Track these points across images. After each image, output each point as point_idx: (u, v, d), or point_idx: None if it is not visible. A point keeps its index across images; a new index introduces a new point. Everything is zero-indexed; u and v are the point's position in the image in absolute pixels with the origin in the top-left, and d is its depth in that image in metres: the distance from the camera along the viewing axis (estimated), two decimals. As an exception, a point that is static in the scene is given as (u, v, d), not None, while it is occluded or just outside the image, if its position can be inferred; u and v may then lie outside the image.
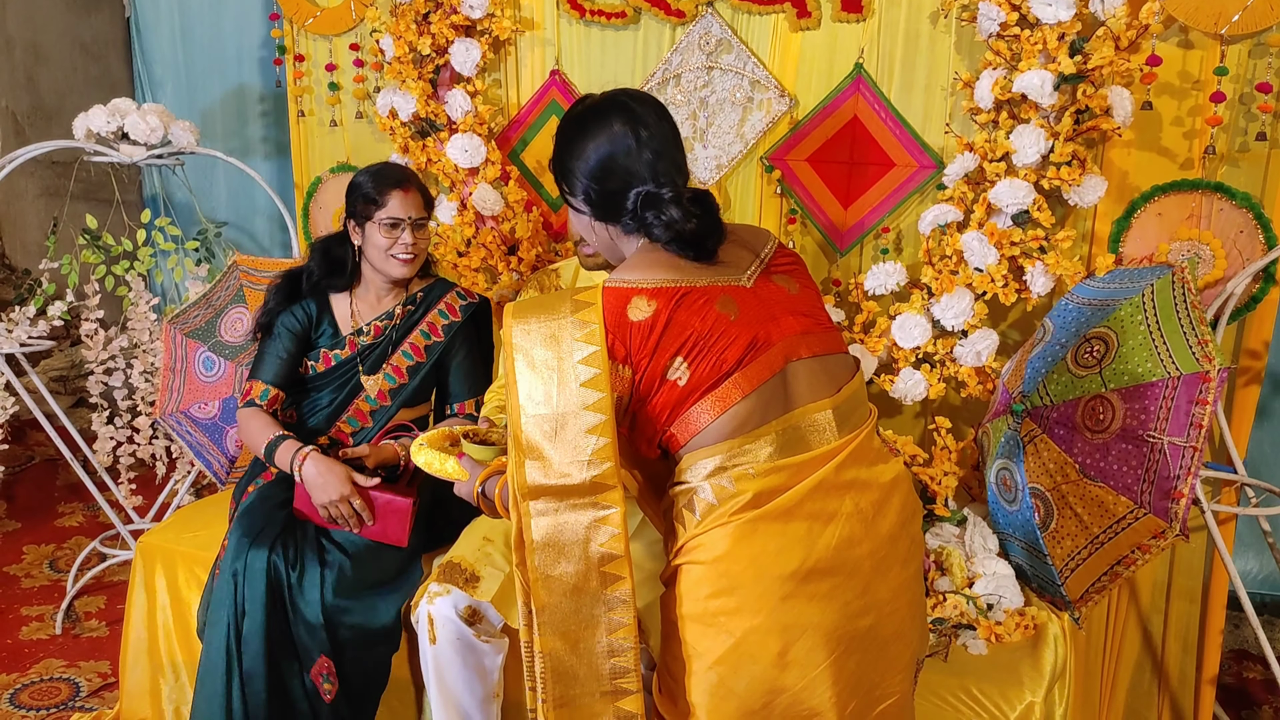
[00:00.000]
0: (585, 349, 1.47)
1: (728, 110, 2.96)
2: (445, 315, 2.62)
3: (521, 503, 1.44)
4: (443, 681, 2.21)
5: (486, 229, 3.12)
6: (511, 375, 1.48)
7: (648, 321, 1.49)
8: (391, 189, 2.44)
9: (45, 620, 3.42)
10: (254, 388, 2.52)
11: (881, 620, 1.54)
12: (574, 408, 1.44)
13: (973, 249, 2.57)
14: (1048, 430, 2.29)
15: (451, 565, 2.26)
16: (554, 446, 1.43)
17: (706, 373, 1.50)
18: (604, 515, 1.43)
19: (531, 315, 1.52)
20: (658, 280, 1.54)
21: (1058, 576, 2.25)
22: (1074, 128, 2.44)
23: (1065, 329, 2.37)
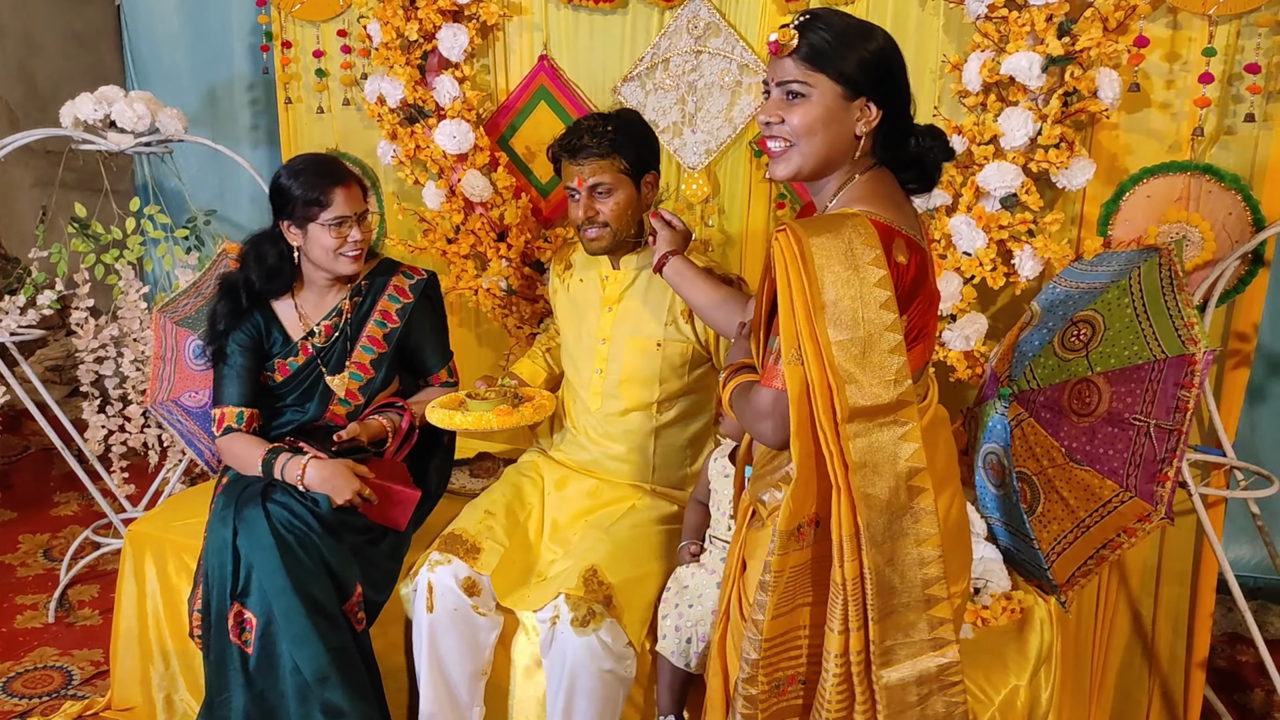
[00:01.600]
0: (877, 271, 1.50)
1: (716, 94, 2.94)
2: (396, 299, 2.57)
3: (842, 426, 1.48)
4: (435, 652, 2.22)
5: (475, 215, 3.11)
6: (808, 296, 1.49)
7: (904, 268, 1.54)
8: (334, 187, 2.36)
9: (39, 609, 3.42)
10: (226, 414, 2.45)
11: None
12: (878, 329, 1.49)
13: (961, 233, 2.55)
14: (1034, 414, 2.29)
15: (453, 536, 2.27)
16: (863, 369, 1.49)
17: (914, 326, 1.58)
18: (905, 430, 1.51)
19: (823, 234, 1.51)
20: (907, 229, 1.58)
21: (1044, 560, 2.24)
22: (1062, 110, 2.43)
23: (1053, 312, 2.36)
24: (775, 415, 1.57)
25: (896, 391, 1.50)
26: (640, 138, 2.36)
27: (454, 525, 2.32)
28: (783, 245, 1.52)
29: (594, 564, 2.16)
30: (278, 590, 2.14)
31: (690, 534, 2.27)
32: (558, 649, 2.10)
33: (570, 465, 2.55)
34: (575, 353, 2.52)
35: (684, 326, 2.42)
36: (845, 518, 1.51)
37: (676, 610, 2.11)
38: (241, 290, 2.46)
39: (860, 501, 1.49)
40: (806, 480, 1.54)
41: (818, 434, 1.52)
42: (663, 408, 2.45)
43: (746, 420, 1.66)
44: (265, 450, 2.36)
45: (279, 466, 2.33)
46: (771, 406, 1.57)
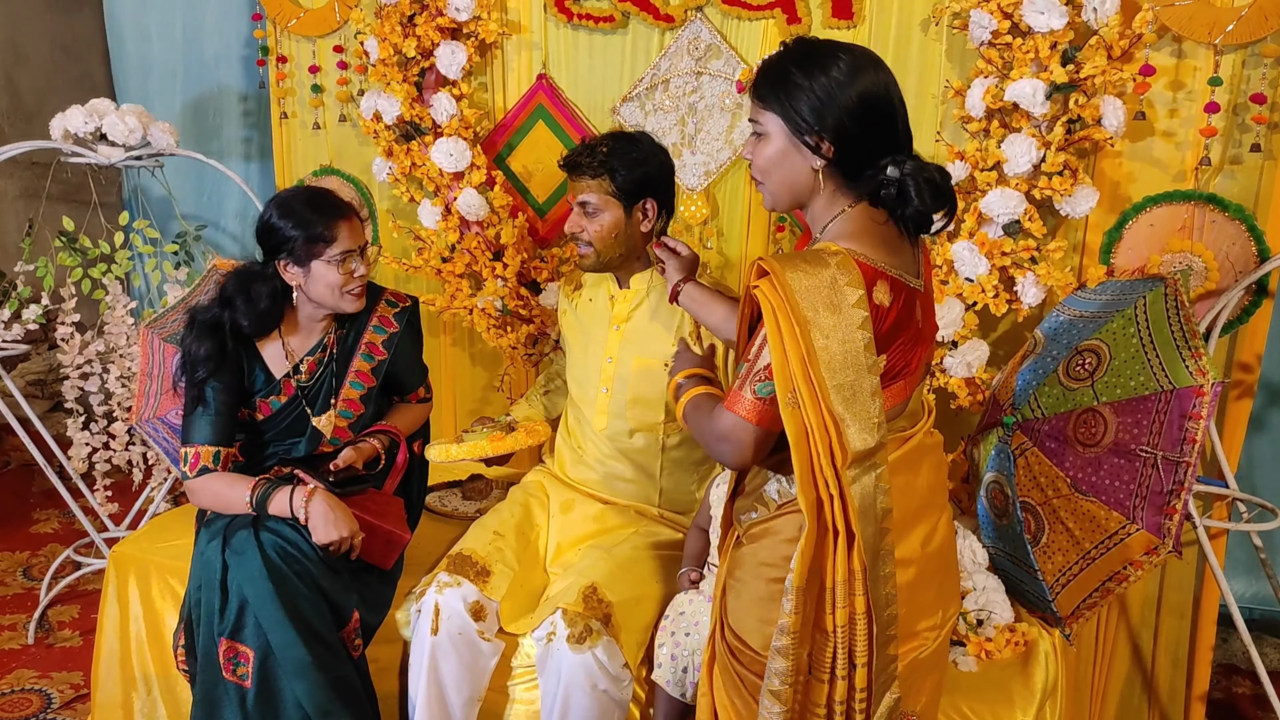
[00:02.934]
0: (859, 313, 1.48)
1: (716, 116, 2.92)
2: (382, 330, 2.45)
3: (843, 471, 1.47)
4: (435, 674, 2.16)
5: (471, 234, 3.08)
6: (801, 343, 1.46)
7: (884, 310, 1.52)
8: (338, 220, 2.24)
9: (18, 630, 3.35)
10: (201, 453, 2.24)
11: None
12: (862, 372, 1.48)
13: (963, 259, 2.54)
14: (1039, 443, 2.26)
15: (462, 557, 2.22)
16: (852, 413, 1.47)
17: (893, 366, 1.57)
18: (879, 473, 1.51)
19: (805, 276, 1.48)
20: (890, 268, 1.55)
21: (1048, 592, 2.22)
22: (1066, 137, 2.42)
23: (1056, 341, 2.35)
24: (732, 439, 1.57)
25: (878, 435, 1.49)
26: (639, 165, 2.31)
27: (462, 545, 2.28)
28: (766, 290, 1.49)
29: (594, 581, 2.12)
30: (274, 623, 2.06)
31: (690, 561, 2.23)
32: (552, 666, 2.06)
33: (576, 486, 2.51)
34: (581, 372, 2.48)
35: (693, 346, 2.38)
36: (840, 562, 1.49)
37: (673, 638, 2.07)
38: (228, 334, 2.29)
39: (859, 545, 1.49)
40: (812, 530, 1.50)
41: (816, 479, 1.49)
42: (669, 429, 2.42)
43: (704, 438, 1.65)
44: (254, 483, 2.20)
45: (275, 501, 2.17)
46: (730, 430, 1.57)
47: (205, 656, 2.12)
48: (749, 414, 1.54)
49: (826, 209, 1.62)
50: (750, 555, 1.68)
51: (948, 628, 1.76)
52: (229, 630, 2.10)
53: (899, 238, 1.62)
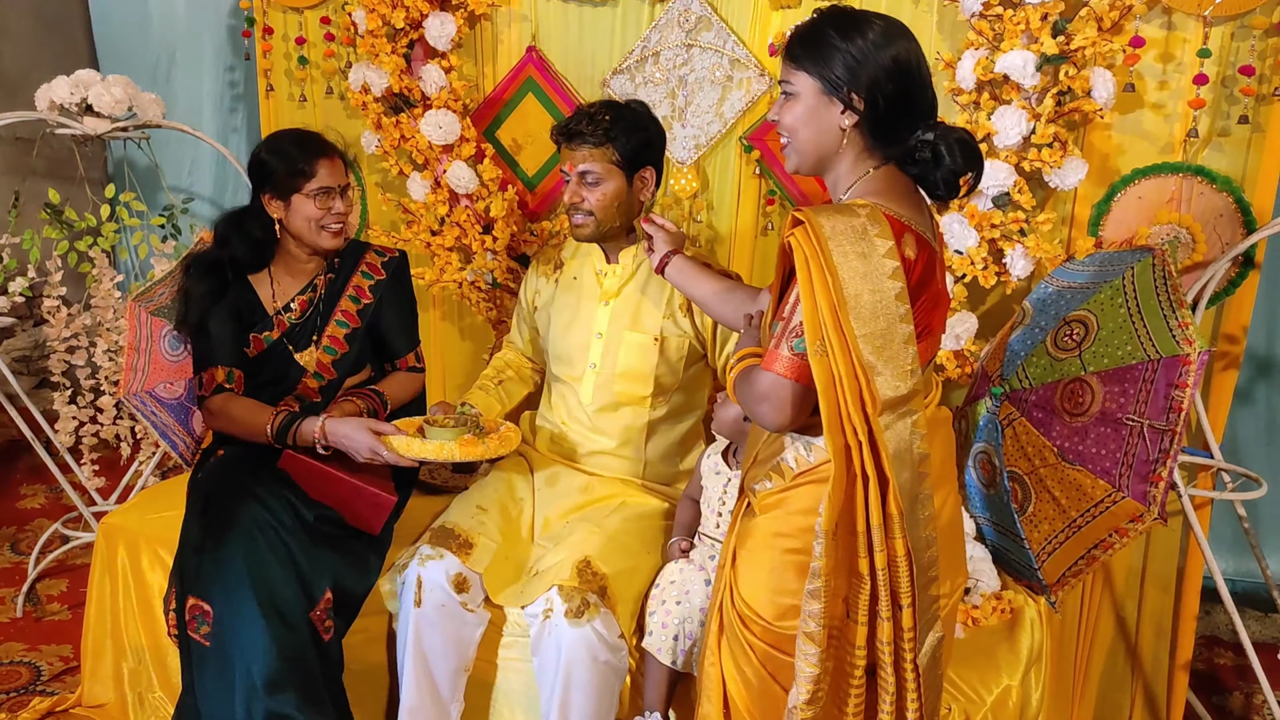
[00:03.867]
0: (890, 263, 1.50)
1: (707, 89, 2.92)
2: (369, 275, 2.56)
3: (874, 419, 1.49)
4: (419, 646, 2.17)
5: (461, 207, 3.06)
6: (831, 291, 1.48)
7: (911, 263, 1.54)
8: (318, 158, 2.37)
9: (6, 603, 3.34)
10: (215, 374, 2.40)
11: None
12: (894, 320, 1.50)
13: (953, 231, 2.54)
14: (1026, 413, 2.28)
15: (445, 530, 2.23)
16: (885, 361, 1.49)
17: (918, 323, 1.56)
18: (915, 419, 1.53)
19: (839, 226, 1.51)
20: (915, 224, 1.58)
21: (1034, 560, 2.23)
22: (1056, 109, 2.43)
23: (1045, 312, 2.36)
24: (772, 398, 1.57)
25: (912, 382, 1.51)
26: (639, 131, 2.33)
27: (445, 518, 2.28)
28: (800, 239, 1.52)
29: (587, 555, 2.13)
30: (231, 585, 2.09)
31: (681, 530, 2.25)
32: (551, 643, 2.06)
33: (561, 460, 2.51)
34: (566, 348, 2.48)
35: (682, 320, 2.40)
36: (874, 508, 1.51)
37: (664, 607, 2.08)
38: (227, 267, 2.43)
39: (894, 492, 1.50)
40: (840, 475, 1.52)
41: (845, 426, 1.51)
42: (656, 403, 2.43)
43: (745, 403, 1.66)
44: (274, 415, 2.31)
45: (302, 430, 2.28)
46: (769, 389, 1.57)
47: (179, 611, 2.17)
48: (787, 370, 1.55)
49: (851, 171, 1.66)
50: (763, 525, 1.69)
51: (955, 597, 1.77)
52: (194, 587, 2.13)
53: (920, 201, 1.66)
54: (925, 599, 1.58)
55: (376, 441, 2.22)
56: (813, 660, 1.54)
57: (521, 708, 2.24)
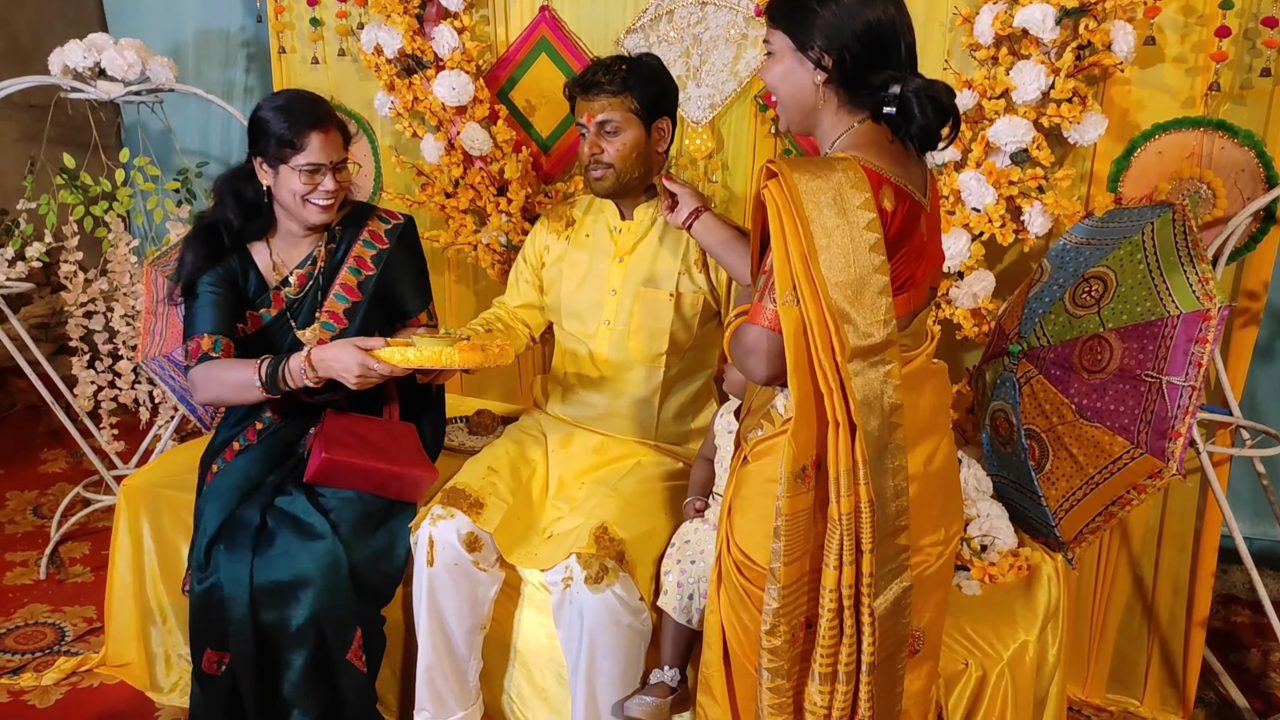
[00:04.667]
0: (866, 215, 1.52)
1: (721, 47, 2.89)
2: (371, 245, 2.44)
3: (843, 365, 1.51)
4: (434, 605, 2.19)
5: (475, 169, 3.05)
6: (803, 241, 1.50)
7: (889, 215, 1.56)
8: (309, 130, 2.21)
9: (29, 565, 3.38)
10: (201, 342, 2.25)
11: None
12: (868, 271, 1.52)
13: (970, 188, 2.52)
14: (1044, 371, 2.27)
15: (456, 490, 2.23)
16: (857, 310, 1.52)
17: (897, 275, 1.59)
18: (889, 369, 1.56)
19: (811, 178, 1.53)
20: (896, 176, 1.59)
21: (1051, 518, 2.23)
22: (1075, 64, 2.39)
23: (1063, 269, 2.34)
24: (758, 351, 1.61)
25: (885, 332, 1.53)
26: (655, 81, 2.33)
27: (456, 479, 2.29)
28: (774, 191, 1.54)
29: (604, 521, 2.13)
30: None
31: (695, 490, 2.25)
32: (573, 610, 2.08)
33: (573, 422, 2.52)
34: (578, 307, 2.48)
35: (697, 276, 2.39)
36: (843, 454, 1.53)
37: (679, 566, 2.09)
38: (222, 230, 2.32)
39: (860, 440, 1.53)
40: (806, 420, 1.56)
41: (815, 373, 1.54)
42: (670, 362, 2.42)
43: (736, 358, 1.68)
44: (259, 363, 2.18)
45: (289, 370, 2.15)
46: (755, 342, 1.60)
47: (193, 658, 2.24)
48: (771, 323, 1.57)
49: (833, 126, 1.69)
50: (755, 473, 1.72)
51: (951, 546, 1.80)
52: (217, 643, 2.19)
53: (907, 155, 1.67)
54: (890, 548, 1.60)
55: (365, 356, 2.10)
56: (774, 595, 1.59)
57: (539, 666, 2.26)
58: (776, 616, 1.60)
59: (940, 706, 1.93)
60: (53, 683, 2.74)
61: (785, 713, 1.67)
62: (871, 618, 1.58)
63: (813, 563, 1.64)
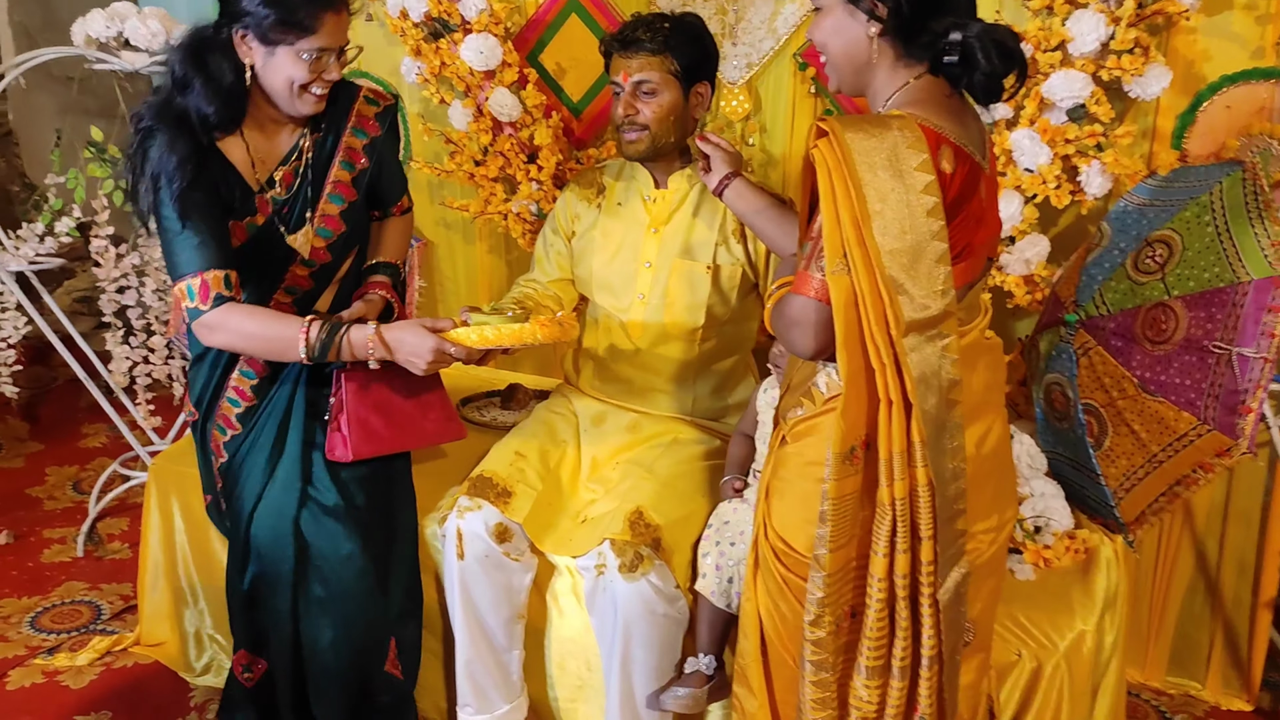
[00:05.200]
0: (923, 177, 1.42)
1: (759, 3, 2.76)
2: (362, 133, 2.11)
3: (898, 340, 1.42)
4: (468, 599, 2.13)
5: (504, 136, 2.96)
6: (855, 204, 1.41)
7: (948, 177, 1.46)
8: (326, 11, 1.88)
9: (67, 543, 3.38)
10: (209, 279, 1.86)
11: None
12: (925, 237, 1.42)
13: (1023, 148, 2.38)
14: (1103, 342, 2.14)
15: (483, 479, 2.16)
16: (913, 280, 1.42)
17: (955, 242, 1.48)
18: (946, 343, 1.46)
19: (865, 137, 1.43)
20: (955, 136, 1.49)
21: (1111, 498, 2.12)
22: (1137, 12, 2.25)
23: (1125, 233, 2.21)
24: (804, 323, 1.51)
25: (943, 303, 1.44)
26: (697, 42, 2.22)
27: (483, 466, 2.21)
28: (824, 151, 1.44)
29: (639, 505, 2.05)
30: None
31: (734, 468, 2.16)
32: (606, 599, 2.00)
33: (606, 399, 2.43)
34: (610, 280, 2.38)
35: (735, 247, 2.28)
36: (897, 434, 1.45)
37: (717, 548, 2.01)
38: (193, 119, 1.87)
39: (918, 419, 1.43)
40: (856, 397, 1.47)
41: (866, 347, 1.45)
42: (706, 336, 2.32)
43: (778, 330, 1.60)
44: (306, 324, 1.88)
45: (342, 344, 1.90)
46: (800, 313, 1.51)
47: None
48: (818, 293, 1.48)
49: (888, 82, 1.58)
50: (795, 454, 1.63)
51: (1005, 532, 1.70)
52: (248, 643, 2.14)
53: (965, 112, 1.57)
54: (949, 533, 1.52)
55: (439, 340, 1.90)
56: (819, 584, 1.51)
57: (574, 654, 2.20)
58: (821, 606, 1.52)
59: (991, 700, 1.83)
60: (87, 663, 2.72)
61: (829, 707, 1.59)
62: (934, 608, 1.50)
63: (859, 549, 1.55)
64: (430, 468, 2.51)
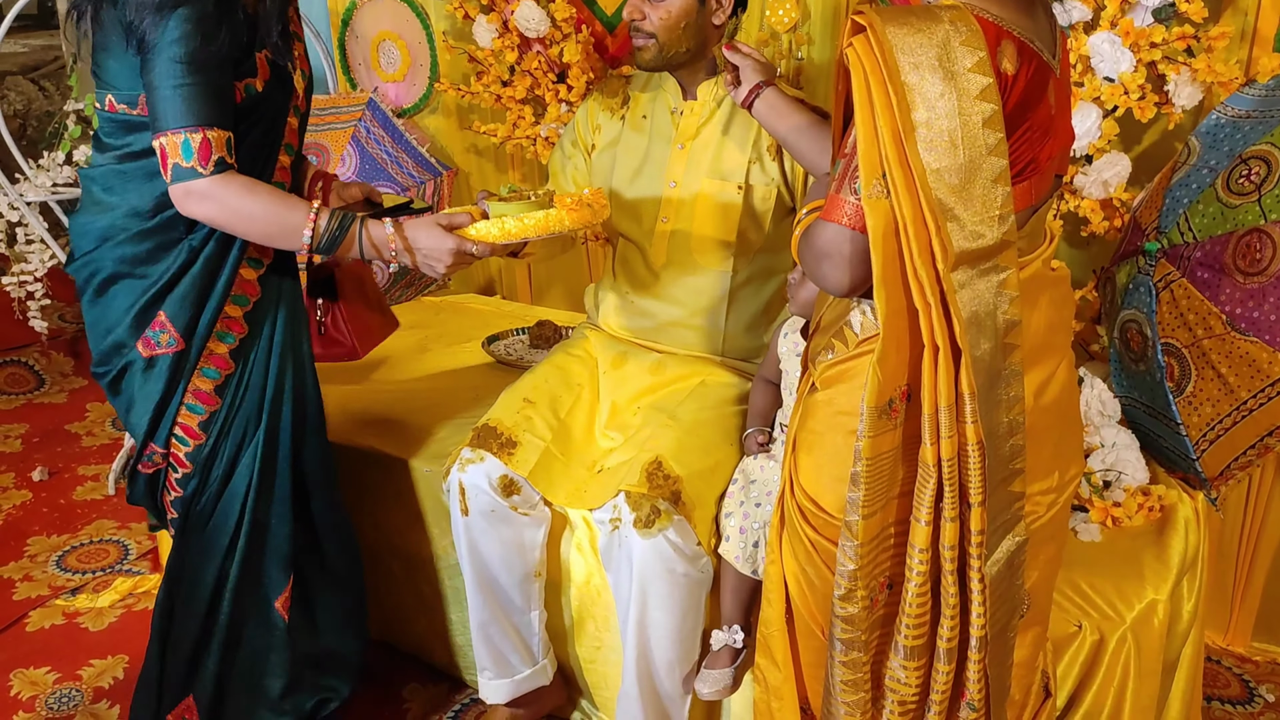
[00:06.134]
0: (979, 79, 1.22)
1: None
2: None
3: (946, 275, 1.23)
4: (476, 557, 1.99)
5: (532, 54, 2.76)
6: (896, 114, 1.21)
7: (1009, 80, 1.25)
8: None
9: (100, 480, 3.33)
10: (214, 138, 1.59)
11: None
12: (980, 152, 1.23)
13: (1102, 54, 2.10)
14: (1188, 273, 1.88)
15: (487, 429, 2.00)
16: (964, 203, 1.23)
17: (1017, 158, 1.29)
18: (1004, 277, 1.27)
19: (910, 31, 1.22)
20: (1020, 29, 1.27)
21: (1192, 449, 1.88)
22: (1239, -109, 1.95)
23: (1216, 148, 1.93)
24: (835, 255, 1.31)
25: (1000, 230, 1.24)
26: None
27: (489, 415, 2.04)
28: (859, 50, 1.22)
29: (658, 454, 1.86)
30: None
31: (756, 419, 1.96)
32: (622, 556, 1.84)
33: (627, 337, 2.23)
34: (631, 201, 2.17)
35: (770, 165, 2.06)
36: (944, 385, 1.25)
37: (741, 509, 1.82)
38: None
39: (967, 368, 1.24)
40: (896, 342, 1.28)
41: (909, 284, 1.25)
42: (739, 265, 2.11)
43: (806, 263, 1.39)
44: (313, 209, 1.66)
45: (357, 234, 1.69)
46: (831, 244, 1.31)
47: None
48: (852, 220, 1.28)
49: None
50: (825, 403, 1.44)
51: (1068, 493, 1.50)
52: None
53: (1031, 3, 1.32)
54: (1003, 496, 1.33)
55: (459, 239, 1.73)
56: (851, 554, 1.33)
57: (591, 614, 2.04)
58: (853, 579, 1.34)
59: (1047, 677, 1.63)
60: (108, 605, 2.66)
61: (862, 689, 1.41)
62: (982, 584, 1.31)
63: (898, 513, 1.37)
64: (445, 411, 2.37)
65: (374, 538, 2.29)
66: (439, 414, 2.37)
